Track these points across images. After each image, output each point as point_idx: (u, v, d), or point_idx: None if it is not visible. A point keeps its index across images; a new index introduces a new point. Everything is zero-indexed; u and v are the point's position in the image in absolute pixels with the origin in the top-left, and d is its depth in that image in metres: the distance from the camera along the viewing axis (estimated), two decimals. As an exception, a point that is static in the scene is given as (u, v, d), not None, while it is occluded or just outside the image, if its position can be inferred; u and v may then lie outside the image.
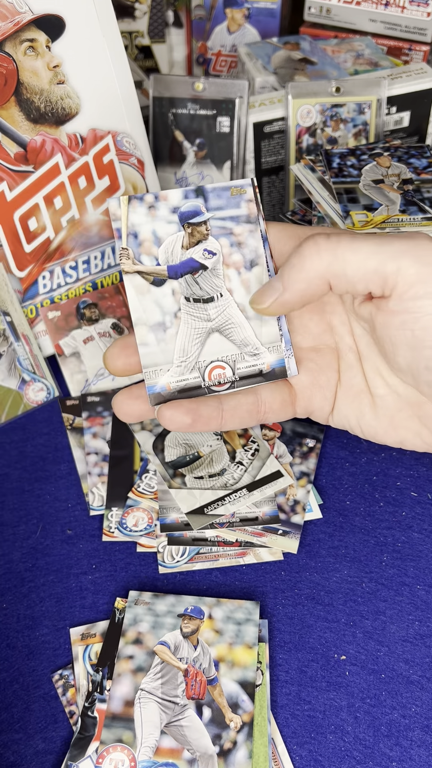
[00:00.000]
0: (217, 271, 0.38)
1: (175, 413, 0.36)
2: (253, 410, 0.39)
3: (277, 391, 0.39)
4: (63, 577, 0.46)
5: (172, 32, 0.84)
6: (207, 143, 0.64)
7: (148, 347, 0.37)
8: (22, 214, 0.53)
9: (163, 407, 0.36)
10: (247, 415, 0.39)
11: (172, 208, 0.38)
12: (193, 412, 0.36)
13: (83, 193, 0.56)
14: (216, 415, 0.37)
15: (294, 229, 0.39)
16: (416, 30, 0.76)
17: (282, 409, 0.40)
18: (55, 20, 0.50)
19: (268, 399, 0.39)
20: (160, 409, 0.36)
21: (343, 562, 0.46)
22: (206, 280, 0.38)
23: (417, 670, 0.41)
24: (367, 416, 0.40)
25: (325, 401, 0.40)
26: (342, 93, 0.63)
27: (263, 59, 0.72)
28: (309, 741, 0.39)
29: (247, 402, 0.38)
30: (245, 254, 0.38)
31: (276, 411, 0.39)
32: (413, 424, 0.39)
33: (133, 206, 0.37)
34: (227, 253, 0.38)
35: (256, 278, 0.38)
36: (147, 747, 0.38)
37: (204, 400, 0.37)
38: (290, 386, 0.40)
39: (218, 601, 0.44)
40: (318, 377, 0.40)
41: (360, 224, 0.50)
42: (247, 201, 0.38)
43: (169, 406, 0.36)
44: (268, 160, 0.66)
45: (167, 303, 0.38)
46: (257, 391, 0.39)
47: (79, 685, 0.41)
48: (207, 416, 0.37)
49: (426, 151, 0.56)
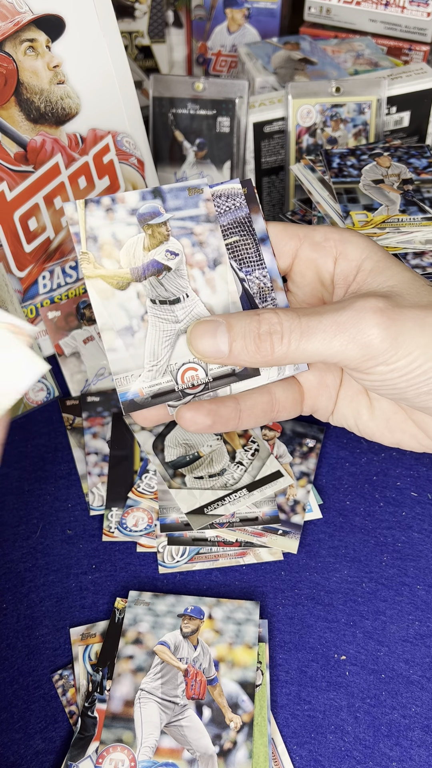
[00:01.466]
0: (181, 271, 0.37)
1: (196, 415, 0.36)
2: (268, 409, 0.39)
3: (289, 390, 0.40)
4: (63, 577, 0.46)
5: (172, 32, 0.84)
6: (207, 143, 0.64)
7: (117, 353, 0.37)
8: (22, 214, 0.53)
9: (183, 409, 0.36)
10: (262, 414, 0.39)
11: (130, 210, 0.37)
12: (214, 413, 0.36)
13: (83, 193, 0.56)
14: (234, 415, 0.37)
15: (294, 229, 0.39)
16: (416, 30, 0.76)
17: (293, 407, 0.40)
18: (55, 20, 0.50)
19: (281, 398, 0.39)
20: (179, 411, 0.36)
21: (343, 562, 0.46)
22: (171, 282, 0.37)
23: (417, 670, 0.41)
24: (365, 417, 0.40)
25: (329, 401, 0.41)
26: (342, 93, 0.63)
27: (263, 59, 0.72)
28: (309, 741, 0.39)
29: (263, 401, 0.39)
30: (208, 253, 0.38)
31: (288, 409, 0.40)
32: (408, 426, 0.39)
33: (90, 209, 0.37)
34: (189, 253, 0.38)
35: (220, 277, 0.38)
36: (147, 747, 0.38)
37: (223, 401, 0.37)
38: (299, 385, 0.40)
39: (218, 601, 0.44)
40: (325, 377, 0.40)
41: (360, 224, 0.50)
42: (205, 200, 0.38)
43: (190, 408, 0.36)
44: (268, 160, 0.66)
45: (133, 306, 0.37)
46: (271, 390, 0.39)
47: (79, 685, 0.41)
48: (226, 417, 0.37)
49: (426, 151, 0.56)
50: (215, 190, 0.38)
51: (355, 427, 0.41)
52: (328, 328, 0.33)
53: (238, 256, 0.38)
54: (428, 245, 0.49)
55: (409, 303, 0.34)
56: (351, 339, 0.33)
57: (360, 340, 0.33)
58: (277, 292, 0.38)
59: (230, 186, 0.38)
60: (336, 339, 0.33)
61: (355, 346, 0.33)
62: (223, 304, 0.38)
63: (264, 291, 0.38)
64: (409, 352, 0.33)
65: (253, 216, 0.39)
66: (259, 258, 0.39)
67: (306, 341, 0.34)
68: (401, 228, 0.49)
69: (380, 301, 0.33)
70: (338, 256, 0.37)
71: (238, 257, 0.38)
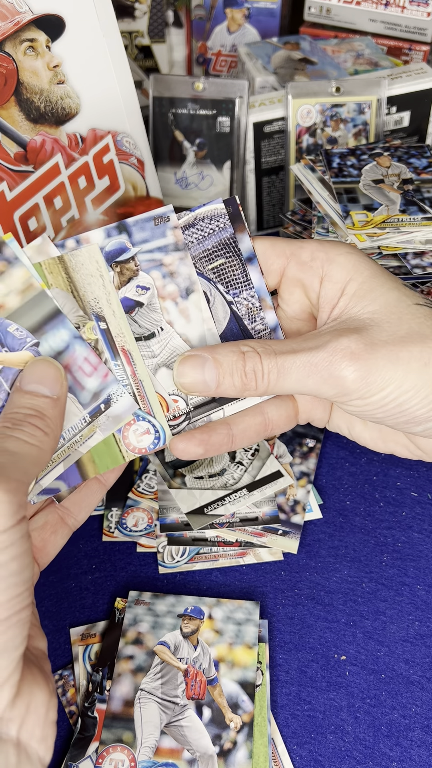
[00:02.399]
0: (154, 305, 0.37)
1: (188, 445, 0.37)
2: (261, 429, 0.40)
3: (282, 407, 0.40)
4: (63, 577, 0.46)
5: (172, 32, 0.84)
6: (207, 143, 0.64)
7: None
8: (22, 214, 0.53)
9: (176, 440, 0.37)
10: (255, 435, 0.40)
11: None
12: (205, 443, 0.37)
13: (83, 193, 0.56)
14: (227, 440, 0.38)
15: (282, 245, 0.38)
16: (416, 30, 0.76)
17: (287, 422, 0.41)
18: (55, 20, 0.50)
19: (275, 416, 0.40)
20: (172, 442, 0.37)
21: (343, 562, 0.46)
22: (144, 317, 0.37)
23: (417, 670, 0.41)
24: (358, 428, 0.41)
25: (324, 413, 0.42)
26: (342, 93, 0.63)
27: (263, 59, 0.72)
28: (309, 741, 0.39)
29: (256, 423, 0.39)
30: (179, 283, 0.37)
31: (282, 426, 0.41)
32: (400, 437, 0.40)
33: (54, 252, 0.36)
34: (161, 285, 0.37)
35: (194, 306, 0.37)
36: (147, 747, 0.38)
37: (214, 428, 0.38)
38: (293, 400, 0.41)
39: (218, 601, 0.44)
40: None
41: (360, 224, 0.50)
42: (172, 228, 0.37)
43: (182, 439, 0.37)
44: (268, 160, 0.66)
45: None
46: (264, 410, 0.39)
47: (79, 685, 0.41)
48: (218, 443, 0.38)
49: (426, 151, 0.56)
50: (198, 213, 0.37)
51: (350, 435, 0.42)
52: (301, 369, 0.34)
53: (224, 278, 0.38)
54: (428, 245, 0.49)
55: (384, 337, 0.34)
56: (324, 380, 0.34)
57: (332, 382, 0.34)
58: (266, 310, 0.38)
59: (213, 207, 0.38)
60: (310, 379, 0.34)
61: (328, 386, 0.34)
62: (198, 334, 0.37)
63: (252, 312, 0.38)
64: (381, 388, 0.34)
65: (239, 235, 0.38)
66: (246, 279, 0.38)
67: (283, 380, 0.35)
68: (401, 228, 0.49)
69: (353, 341, 0.34)
70: (324, 276, 0.37)
71: (224, 280, 0.38)
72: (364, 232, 0.50)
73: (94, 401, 0.36)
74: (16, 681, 0.29)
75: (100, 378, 0.36)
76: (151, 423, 0.37)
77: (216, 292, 0.38)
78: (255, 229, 0.70)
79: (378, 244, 0.49)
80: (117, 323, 0.36)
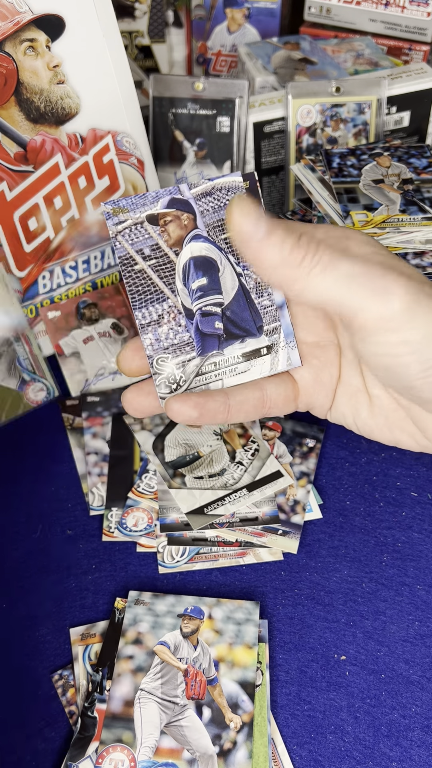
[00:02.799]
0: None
1: (183, 406, 0.36)
2: (259, 405, 0.39)
3: (282, 387, 0.40)
4: (63, 577, 0.46)
5: (172, 32, 0.84)
6: (207, 143, 0.64)
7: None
8: (22, 214, 0.53)
9: (171, 400, 0.36)
10: (252, 410, 0.39)
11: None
12: (201, 407, 0.36)
13: (83, 193, 0.56)
14: (222, 409, 0.37)
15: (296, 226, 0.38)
16: (416, 30, 0.76)
17: (286, 404, 0.40)
18: (55, 20, 0.50)
19: (273, 394, 0.39)
20: (168, 402, 0.36)
21: (343, 562, 0.46)
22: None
23: (417, 670, 0.41)
24: (364, 415, 0.40)
25: (326, 398, 0.41)
26: (342, 93, 0.63)
27: (263, 59, 0.72)
28: (309, 741, 0.39)
29: (254, 397, 0.39)
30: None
31: (280, 406, 0.40)
32: (407, 425, 0.39)
33: None
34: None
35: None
36: (147, 747, 0.38)
37: (211, 395, 0.37)
38: (294, 382, 0.40)
39: (218, 601, 0.43)
40: (321, 374, 0.40)
41: (360, 224, 0.50)
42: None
43: (177, 399, 0.36)
44: (268, 160, 0.66)
45: None
46: (263, 386, 0.39)
47: (79, 685, 0.41)
48: (214, 410, 0.37)
49: (426, 151, 0.56)
50: (216, 183, 0.38)
51: (354, 424, 0.41)
52: (355, 269, 0.33)
53: (235, 250, 0.38)
54: (428, 245, 0.49)
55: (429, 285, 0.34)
56: (371, 286, 0.32)
57: (379, 292, 0.32)
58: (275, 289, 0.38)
59: (231, 179, 0.38)
60: (357, 280, 0.33)
61: (373, 295, 0.32)
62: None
63: (261, 286, 0.38)
64: (423, 325, 0.32)
65: None
66: None
67: (331, 270, 0.33)
68: (401, 228, 0.49)
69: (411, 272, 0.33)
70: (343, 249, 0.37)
71: (235, 252, 0.38)
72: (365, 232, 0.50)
73: None
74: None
75: None
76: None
77: (226, 262, 0.38)
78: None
79: (378, 244, 0.49)
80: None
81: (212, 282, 0.38)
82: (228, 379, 0.38)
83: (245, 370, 0.38)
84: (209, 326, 0.38)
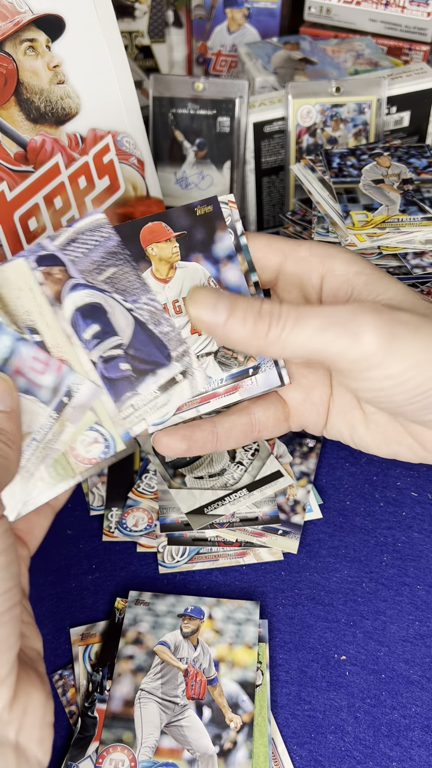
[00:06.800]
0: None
1: (171, 440, 0.37)
2: (248, 430, 0.39)
3: (271, 409, 0.39)
4: (63, 577, 0.46)
5: (172, 32, 0.84)
6: (207, 143, 0.64)
7: None
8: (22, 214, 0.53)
9: (159, 434, 0.37)
10: (242, 435, 0.39)
11: None
12: (188, 438, 0.37)
13: (83, 193, 0.56)
14: (211, 438, 0.38)
15: (279, 243, 0.38)
16: (416, 30, 0.76)
17: (276, 426, 0.40)
18: (55, 20, 0.50)
19: (262, 418, 0.39)
20: (155, 437, 0.37)
21: (343, 562, 0.46)
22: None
23: (417, 670, 0.41)
24: (360, 431, 0.40)
25: (318, 417, 0.40)
26: (342, 93, 0.63)
27: (263, 59, 0.72)
28: (309, 741, 0.39)
29: (241, 423, 0.39)
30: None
31: (270, 428, 0.40)
32: (405, 438, 0.39)
33: None
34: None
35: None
36: (147, 747, 0.38)
37: (198, 425, 0.37)
38: (284, 403, 0.40)
39: (218, 601, 0.44)
40: (311, 393, 0.40)
41: (360, 224, 0.50)
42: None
43: (165, 434, 0.37)
44: (268, 160, 0.66)
45: None
46: (250, 410, 0.39)
47: (79, 685, 0.41)
48: (202, 440, 0.37)
49: (426, 151, 0.56)
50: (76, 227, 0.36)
51: (351, 440, 0.40)
52: (323, 318, 0.32)
53: (119, 287, 0.36)
54: (428, 245, 0.49)
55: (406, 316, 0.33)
56: (344, 332, 0.32)
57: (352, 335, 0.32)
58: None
59: (92, 219, 0.37)
60: (329, 330, 0.32)
61: (347, 340, 0.32)
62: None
63: (156, 315, 0.37)
64: (404, 357, 0.32)
65: (219, 234, 0.37)
66: (141, 283, 0.37)
67: (300, 328, 0.33)
68: (401, 228, 0.49)
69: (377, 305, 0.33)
70: (325, 272, 0.37)
71: (119, 288, 0.36)
72: (364, 232, 0.50)
73: (55, 396, 0.35)
74: (12, 682, 0.29)
75: (54, 373, 0.35)
76: (99, 431, 0.36)
77: (113, 302, 0.36)
78: (255, 229, 0.70)
79: (378, 244, 0.49)
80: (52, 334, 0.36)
81: (105, 326, 0.36)
82: (151, 416, 0.37)
83: (165, 402, 0.36)
84: (115, 370, 0.36)
